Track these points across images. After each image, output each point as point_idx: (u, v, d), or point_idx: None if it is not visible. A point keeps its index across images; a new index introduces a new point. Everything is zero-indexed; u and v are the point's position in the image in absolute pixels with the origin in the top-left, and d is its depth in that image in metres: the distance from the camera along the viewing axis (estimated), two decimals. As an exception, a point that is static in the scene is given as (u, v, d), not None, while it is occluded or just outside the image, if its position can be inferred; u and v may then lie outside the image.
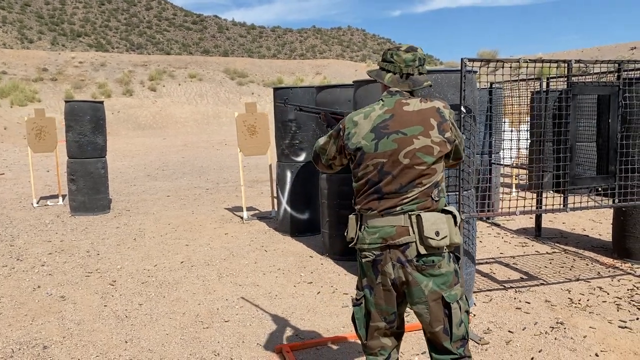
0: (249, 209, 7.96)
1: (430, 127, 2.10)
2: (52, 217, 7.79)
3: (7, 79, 27.97)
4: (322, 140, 2.37)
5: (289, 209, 6.53)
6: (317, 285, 4.67)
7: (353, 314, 2.28)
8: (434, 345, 2.17)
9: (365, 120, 2.16)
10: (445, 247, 2.09)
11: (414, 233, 2.06)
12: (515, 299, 4.22)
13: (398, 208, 2.10)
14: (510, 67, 3.96)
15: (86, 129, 7.84)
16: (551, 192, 5.92)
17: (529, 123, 8.23)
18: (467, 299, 2.19)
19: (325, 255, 5.58)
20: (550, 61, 3.80)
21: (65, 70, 31.97)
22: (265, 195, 9.22)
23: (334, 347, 3.44)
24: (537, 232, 6.21)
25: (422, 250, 2.05)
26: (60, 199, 8.98)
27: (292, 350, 3.35)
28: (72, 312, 4.16)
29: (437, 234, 2.05)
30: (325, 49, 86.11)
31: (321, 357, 3.31)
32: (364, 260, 2.16)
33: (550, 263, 5.15)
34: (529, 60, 3.70)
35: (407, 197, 2.09)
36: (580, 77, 4.88)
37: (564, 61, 3.89)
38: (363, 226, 2.16)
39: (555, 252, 5.56)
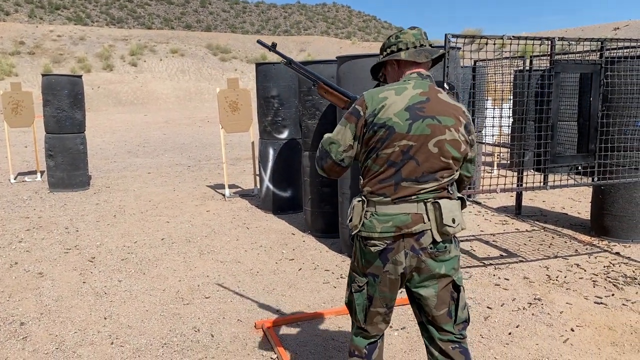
0: (231, 186, 7.91)
1: (460, 123, 2.05)
2: (30, 194, 7.65)
3: (-17, 52, 27.22)
4: (331, 134, 2.17)
5: (271, 186, 6.50)
6: (299, 262, 4.67)
7: (350, 298, 2.23)
8: (433, 327, 2.14)
9: (397, 97, 2.04)
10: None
11: (429, 220, 2.01)
12: (494, 275, 4.27)
13: (413, 197, 2.03)
14: (494, 44, 3.93)
15: (64, 103, 7.67)
16: (532, 170, 5.99)
17: (511, 101, 8.26)
18: None
19: (307, 233, 5.57)
20: (534, 38, 3.78)
21: (43, 44, 31.19)
22: (248, 173, 9.16)
23: (315, 322, 3.45)
24: (518, 210, 6.28)
25: (438, 238, 2.01)
26: (39, 175, 8.82)
27: (272, 325, 3.35)
28: (50, 288, 4.11)
29: (454, 221, 2.02)
30: (310, 26, 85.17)
31: (302, 332, 3.32)
32: (372, 249, 2.07)
33: (530, 240, 5.22)
34: (513, 37, 3.67)
35: (425, 188, 2.02)
36: (563, 56, 4.89)
37: (547, 38, 3.87)
38: (370, 213, 2.06)
39: (534, 229, 5.63)
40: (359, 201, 2.10)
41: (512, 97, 8.00)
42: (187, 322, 3.49)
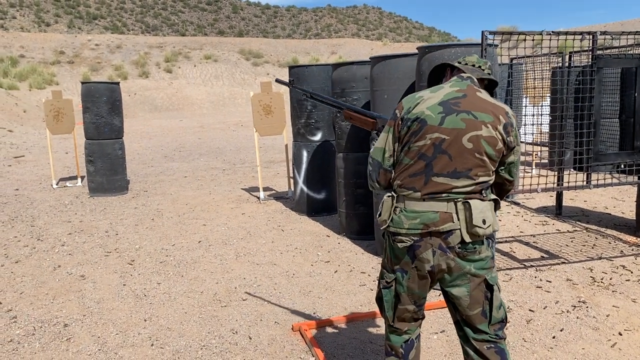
0: (265, 189, 7.96)
1: (499, 121, 2.01)
2: (71, 198, 7.87)
3: (25, 63, 28.22)
4: (375, 143, 2.17)
5: (305, 188, 6.50)
6: (334, 264, 4.65)
7: (379, 295, 2.22)
8: (468, 326, 2.11)
9: (433, 94, 2.07)
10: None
11: (458, 220, 1.97)
12: (535, 277, 4.16)
13: (444, 195, 1.99)
14: (533, 40, 3.83)
15: (103, 110, 7.87)
16: (572, 170, 5.80)
17: (549, 99, 8.05)
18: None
19: (342, 235, 5.55)
20: (574, 33, 3.67)
21: (82, 53, 32.13)
22: (282, 175, 9.20)
23: (352, 325, 3.43)
24: (558, 211, 6.10)
25: (467, 239, 1.97)
26: (79, 180, 9.07)
27: (309, 328, 3.34)
28: (92, 291, 4.20)
29: (484, 222, 1.97)
30: (341, 28, 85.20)
31: (339, 335, 3.30)
32: (399, 244, 2.05)
33: (572, 241, 5.06)
34: (552, 32, 3.57)
35: (457, 187, 1.99)
36: (604, 51, 4.72)
37: (589, 33, 3.75)
38: (399, 209, 2.05)
39: (576, 230, 5.47)
40: (388, 196, 2.10)
41: (550, 94, 7.80)
42: (225, 324, 3.52)
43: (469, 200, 1.98)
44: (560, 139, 4.96)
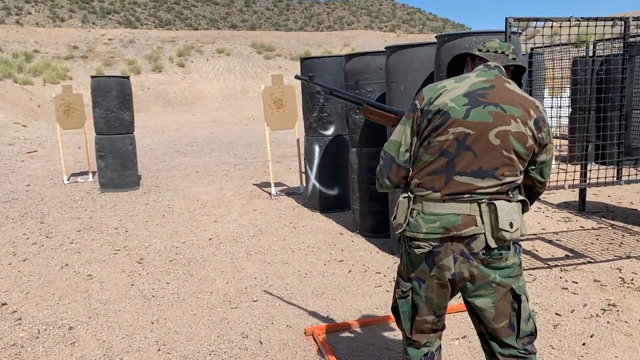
0: (277, 184, 7.80)
1: (529, 116, 1.82)
2: (82, 194, 7.79)
3: (40, 58, 28.31)
4: (390, 138, 1.98)
5: (317, 184, 6.33)
6: (348, 264, 4.48)
7: (395, 305, 2.04)
8: (494, 340, 1.92)
9: (457, 84, 1.87)
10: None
11: (482, 223, 1.78)
12: (560, 278, 3.95)
13: (467, 195, 1.80)
14: (552, 27, 3.61)
15: (113, 104, 7.75)
16: (594, 164, 5.55)
17: (569, 91, 7.77)
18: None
19: (355, 232, 5.38)
20: (605, 19, 3.44)
21: (95, 48, 32.19)
22: (293, 170, 9.04)
23: (368, 330, 3.26)
24: (581, 206, 5.86)
25: (492, 244, 1.78)
26: (90, 175, 8.99)
27: (323, 333, 3.18)
28: (99, 291, 4.08)
29: (511, 225, 1.78)
30: (353, 20, 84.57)
31: (355, 340, 3.13)
32: (417, 251, 1.86)
33: (597, 239, 4.83)
34: (581, 18, 3.35)
35: (481, 188, 1.79)
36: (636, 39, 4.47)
37: (621, 19, 3.52)
38: (416, 211, 1.86)
39: (601, 227, 5.23)
40: (404, 197, 1.89)
41: (570, 85, 7.53)
42: (235, 328, 3.37)
43: (494, 202, 1.79)
44: (585, 132, 4.73)
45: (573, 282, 3.86)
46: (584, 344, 2.98)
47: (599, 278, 3.91)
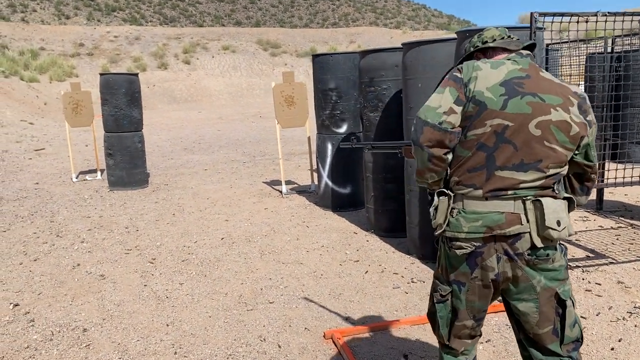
0: (287, 182, 7.73)
1: (570, 103, 1.74)
2: (91, 192, 7.74)
3: (46, 55, 28.32)
4: (427, 102, 1.79)
5: (330, 183, 6.25)
6: (364, 264, 4.40)
7: (432, 309, 1.96)
8: (535, 347, 1.84)
9: (493, 70, 1.76)
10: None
11: (527, 222, 1.70)
12: (583, 279, 3.86)
13: (510, 192, 1.71)
14: (581, 22, 3.52)
15: (122, 102, 7.69)
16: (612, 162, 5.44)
17: (583, 87, 7.66)
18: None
19: (370, 232, 5.30)
20: (632, 14, 3.34)
21: (101, 45, 32.17)
22: (303, 168, 8.96)
23: (390, 333, 3.18)
24: (599, 205, 5.76)
25: (538, 243, 1.70)
26: (99, 173, 8.94)
27: (342, 336, 3.11)
28: (112, 292, 4.02)
29: (559, 223, 1.69)
30: (359, 17, 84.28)
31: (376, 344, 3.06)
32: (457, 251, 1.78)
33: (618, 239, 4.74)
34: (608, 13, 3.25)
35: (525, 182, 1.71)
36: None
37: (648, 13, 3.42)
38: (456, 210, 1.78)
39: (621, 227, 5.13)
40: (444, 196, 1.80)
41: (584, 82, 7.42)
42: (252, 330, 3.30)
43: (540, 199, 1.71)
44: (603, 131, 4.63)
45: (596, 283, 3.77)
46: (612, 349, 2.89)
47: (622, 279, 3.82)
